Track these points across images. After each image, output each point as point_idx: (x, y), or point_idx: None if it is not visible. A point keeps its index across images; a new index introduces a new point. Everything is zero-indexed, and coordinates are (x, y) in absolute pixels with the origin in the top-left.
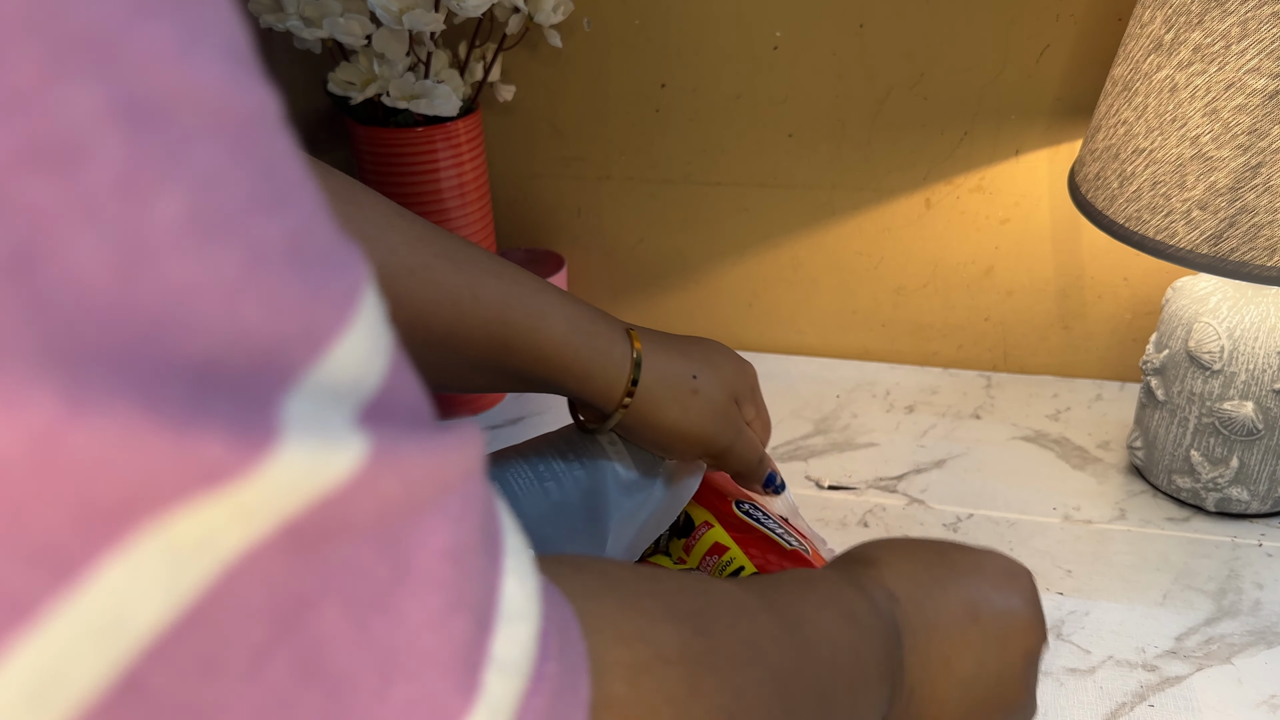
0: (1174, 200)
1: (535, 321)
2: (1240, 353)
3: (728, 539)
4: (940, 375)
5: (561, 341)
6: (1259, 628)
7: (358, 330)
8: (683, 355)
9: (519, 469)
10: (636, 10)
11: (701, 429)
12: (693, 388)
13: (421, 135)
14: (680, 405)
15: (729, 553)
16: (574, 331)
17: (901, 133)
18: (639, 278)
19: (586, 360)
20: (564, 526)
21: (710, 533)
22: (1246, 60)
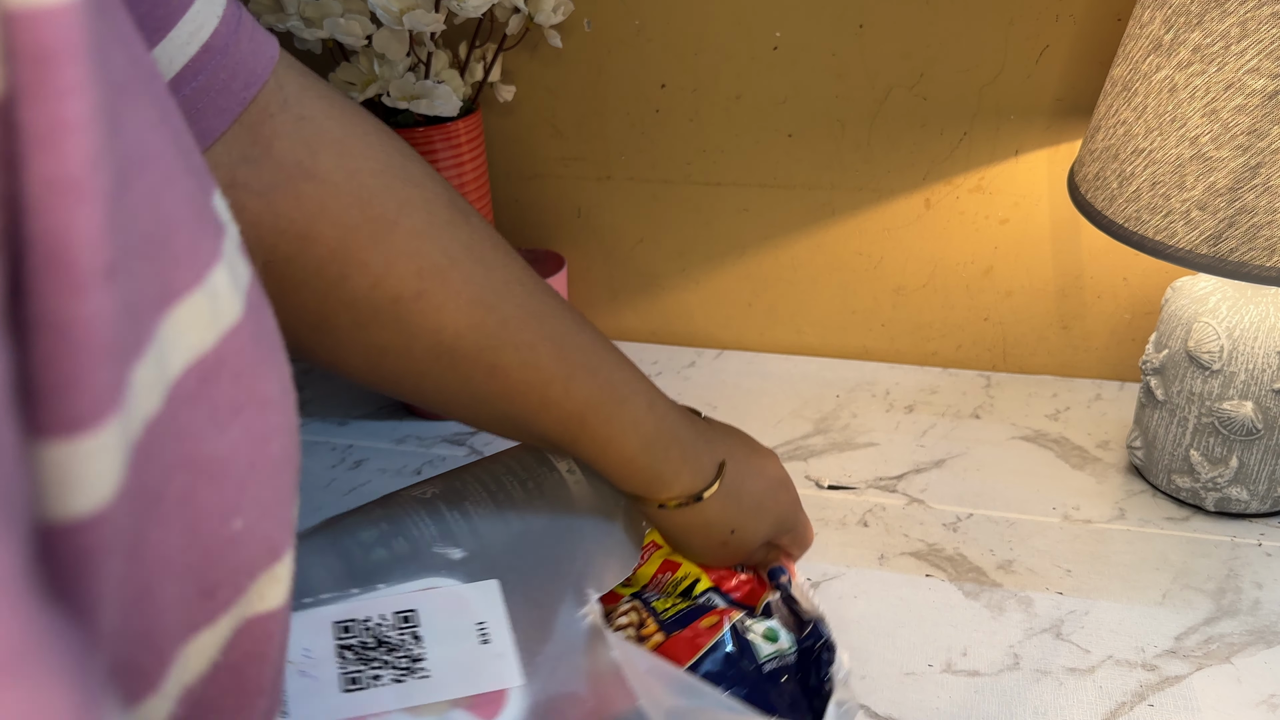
0: (1173, 200)
1: (613, 432)
2: (1240, 352)
3: (677, 556)
4: (940, 375)
5: (629, 458)
6: (1258, 627)
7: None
8: (734, 503)
9: (479, 496)
10: (636, 11)
11: (704, 559)
12: (723, 540)
13: (421, 135)
14: (703, 547)
15: (682, 568)
16: (645, 453)
17: (901, 133)
18: (639, 278)
19: (645, 481)
20: (530, 559)
21: (659, 552)
22: (1246, 60)
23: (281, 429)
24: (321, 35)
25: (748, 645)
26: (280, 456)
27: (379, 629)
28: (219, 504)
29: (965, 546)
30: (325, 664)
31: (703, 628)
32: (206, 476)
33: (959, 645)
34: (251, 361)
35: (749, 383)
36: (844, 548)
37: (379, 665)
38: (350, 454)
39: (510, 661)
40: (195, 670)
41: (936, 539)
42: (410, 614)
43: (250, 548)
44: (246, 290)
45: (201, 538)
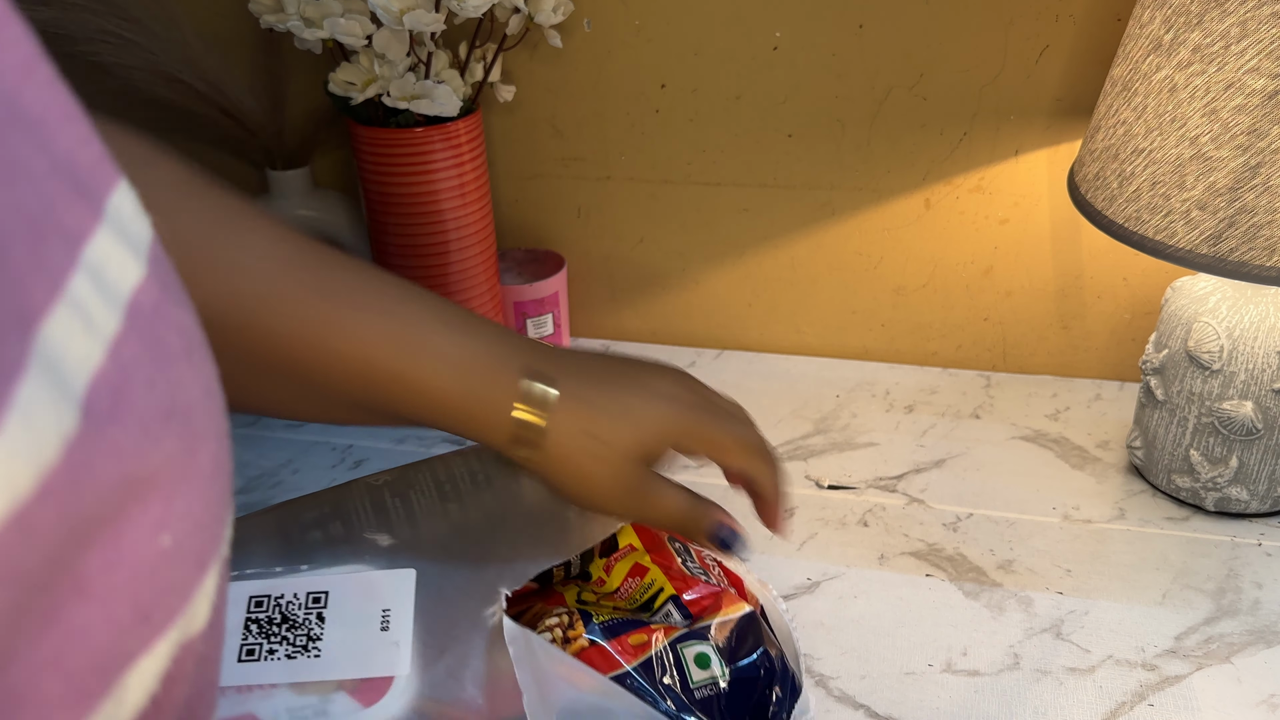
0: (1173, 200)
1: (409, 368)
2: (1239, 352)
3: (648, 561)
4: (940, 375)
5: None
6: (1258, 627)
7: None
8: (587, 405)
9: (424, 485)
10: (636, 11)
11: (601, 498)
12: (586, 450)
13: (422, 136)
14: (575, 468)
15: (649, 574)
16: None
17: (901, 133)
18: (639, 278)
19: (471, 411)
20: (458, 553)
21: (632, 555)
22: (1246, 60)
23: (209, 435)
24: (322, 35)
25: (678, 668)
26: (210, 466)
27: (288, 607)
28: (146, 521)
29: (965, 546)
30: (230, 634)
31: (630, 644)
32: (133, 494)
33: (959, 645)
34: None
35: (749, 383)
36: (844, 548)
37: (277, 640)
38: (350, 454)
39: (403, 651)
40: (133, 704)
41: (936, 539)
42: (321, 595)
43: (182, 566)
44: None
45: (130, 558)
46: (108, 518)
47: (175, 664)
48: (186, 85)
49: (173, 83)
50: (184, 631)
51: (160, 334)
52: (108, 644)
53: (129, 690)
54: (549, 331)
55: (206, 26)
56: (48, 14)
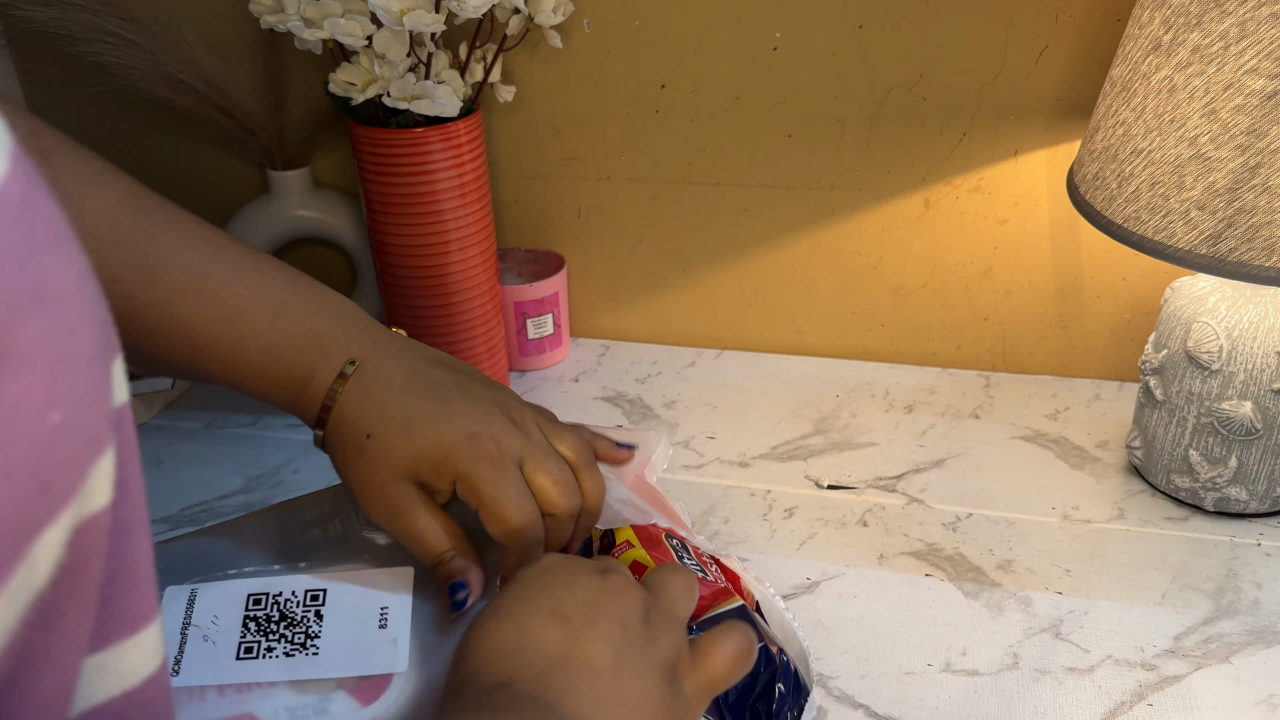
0: (1172, 201)
1: (228, 347)
2: (1239, 352)
3: (647, 558)
4: (939, 375)
5: (256, 367)
6: (1257, 627)
7: None
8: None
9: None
10: (636, 11)
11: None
12: (359, 446)
13: (422, 136)
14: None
15: (647, 572)
16: (273, 360)
17: (900, 133)
18: (639, 278)
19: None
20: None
21: (630, 552)
22: (1245, 61)
23: (86, 319)
24: (322, 36)
25: None
26: (90, 348)
27: (286, 605)
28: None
29: (965, 546)
30: (229, 633)
31: None
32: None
33: (958, 645)
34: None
35: (749, 383)
36: (843, 547)
37: (275, 638)
38: None
39: (401, 649)
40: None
41: (936, 539)
42: (320, 593)
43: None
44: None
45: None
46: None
47: (81, 535)
48: (187, 86)
49: (173, 83)
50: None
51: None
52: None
53: (38, 559)
54: (549, 331)
55: (207, 27)
56: (48, 14)
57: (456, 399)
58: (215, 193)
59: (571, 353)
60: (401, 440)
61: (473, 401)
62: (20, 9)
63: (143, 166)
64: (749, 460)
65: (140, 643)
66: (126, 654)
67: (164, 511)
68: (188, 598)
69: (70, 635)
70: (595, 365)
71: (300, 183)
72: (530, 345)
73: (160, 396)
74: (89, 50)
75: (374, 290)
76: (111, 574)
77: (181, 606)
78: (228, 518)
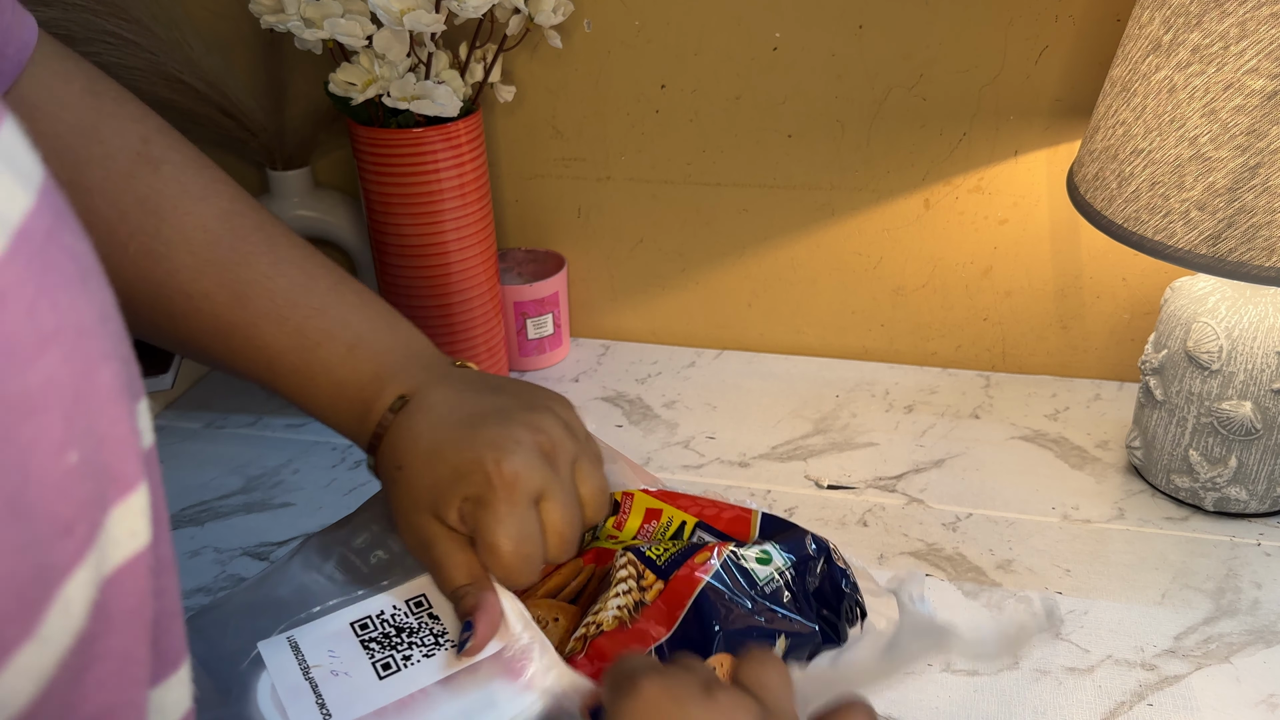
0: (1172, 201)
1: (303, 378)
2: (1239, 352)
3: (655, 502)
4: (939, 375)
5: (327, 398)
6: (1257, 627)
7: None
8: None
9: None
10: (637, 11)
11: (402, 534)
12: (393, 478)
13: (422, 136)
14: (387, 494)
15: (665, 513)
16: (341, 397)
17: (900, 133)
18: (639, 278)
19: (347, 425)
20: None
21: (636, 500)
22: (1245, 61)
23: (108, 356)
24: (322, 36)
25: (744, 572)
26: (111, 385)
27: (395, 617)
28: (46, 438)
29: (964, 546)
30: (355, 660)
31: (697, 562)
32: (21, 414)
33: None
34: (47, 290)
35: (749, 383)
36: (843, 548)
37: (406, 648)
38: (351, 454)
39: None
40: (79, 614)
41: (936, 539)
42: (421, 599)
43: (96, 480)
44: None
45: (36, 475)
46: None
47: (125, 575)
48: (187, 85)
49: (173, 83)
50: (120, 546)
51: (50, 259)
52: (37, 559)
53: (71, 602)
54: (549, 331)
55: (207, 27)
56: (49, 14)
57: (491, 425)
58: None
59: (571, 353)
60: (425, 470)
61: (507, 427)
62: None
63: None
64: (749, 460)
65: (181, 678)
66: (170, 692)
67: None
68: (289, 645)
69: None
70: (595, 365)
71: (300, 183)
72: (530, 345)
73: (160, 396)
74: (89, 50)
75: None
76: (157, 613)
77: (288, 655)
78: (228, 518)
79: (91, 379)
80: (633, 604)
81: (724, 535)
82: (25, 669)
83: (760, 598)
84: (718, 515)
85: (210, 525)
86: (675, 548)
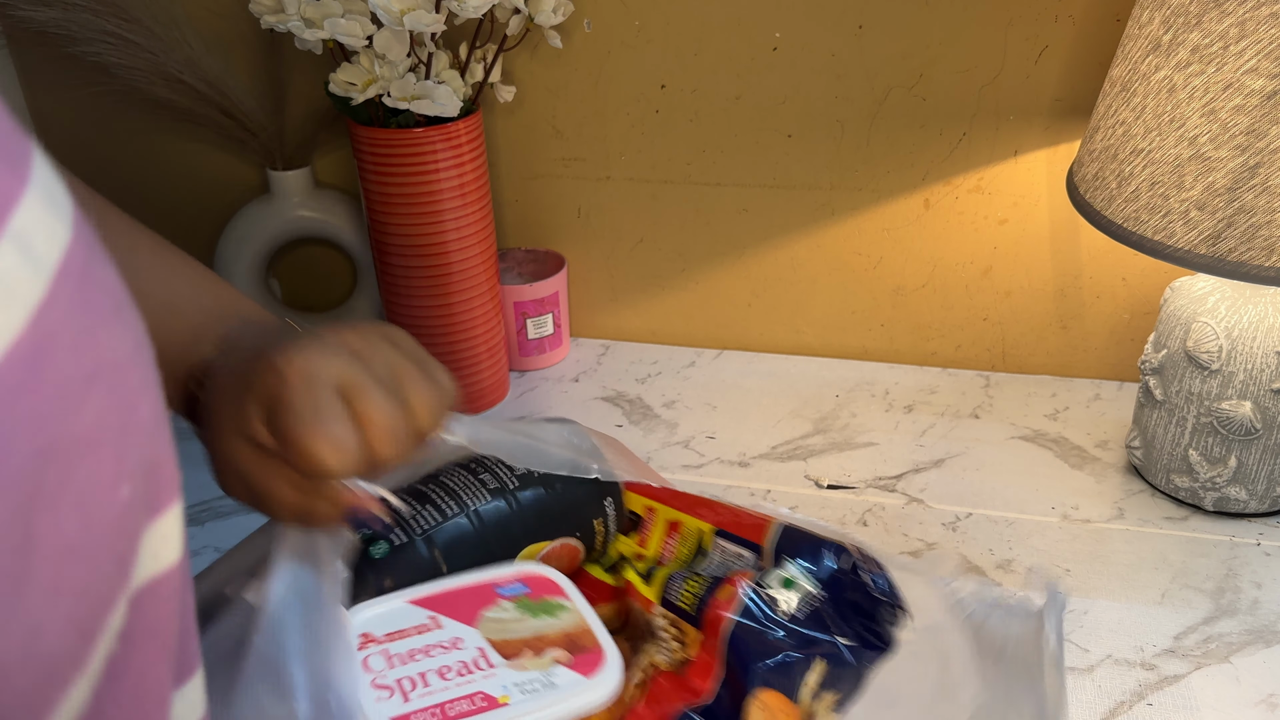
0: (1172, 200)
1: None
2: (1238, 352)
3: (675, 514)
4: (939, 375)
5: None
6: (1257, 627)
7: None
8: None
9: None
10: (636, 11)
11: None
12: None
13: (422, 136)
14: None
15: (684, 525)
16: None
17: (900, 133)
18: (639, 278)
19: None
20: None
21: (659, 515)
22: (1245, 61)
23: (147, 385)
24: (322, 36)
25: (771, 601)
26: (151, 415)
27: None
28: (101, 475)
29: (964, 546)
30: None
31: (721, 600)
32: (77, 456)
33: None
34: (88, 328)
35: (749, 382)
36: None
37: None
38: None
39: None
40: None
41: (936, 538)
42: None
43: (143, 511)
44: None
45: (97, 513)
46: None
47: (156, 590)
48: (187, 86)
49: (174, 83)
50: (153, 567)
51: (88, 295)
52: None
53: (110, 627)
54: (549, 331)
55: (207, 27)
56: (49, 14)
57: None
58: (216, 193)
59: (571, 353)
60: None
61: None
62: (21, 9)
63: (143, 167)
64: (749, 460)
65: (196, 683)
66: (185, 697)
67: None
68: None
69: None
70: (595, 365)
71: (301, 183)
72: (530, 345)
73: None
74: (89, 50)
75: (374, 290)
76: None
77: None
78: (228, 517)
79: (135, 411)
80: (679, 662)
81: (742, 540)
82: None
83: (791, 624)
84: (736, 521)
85: (211, 525)
86: (700, 585)
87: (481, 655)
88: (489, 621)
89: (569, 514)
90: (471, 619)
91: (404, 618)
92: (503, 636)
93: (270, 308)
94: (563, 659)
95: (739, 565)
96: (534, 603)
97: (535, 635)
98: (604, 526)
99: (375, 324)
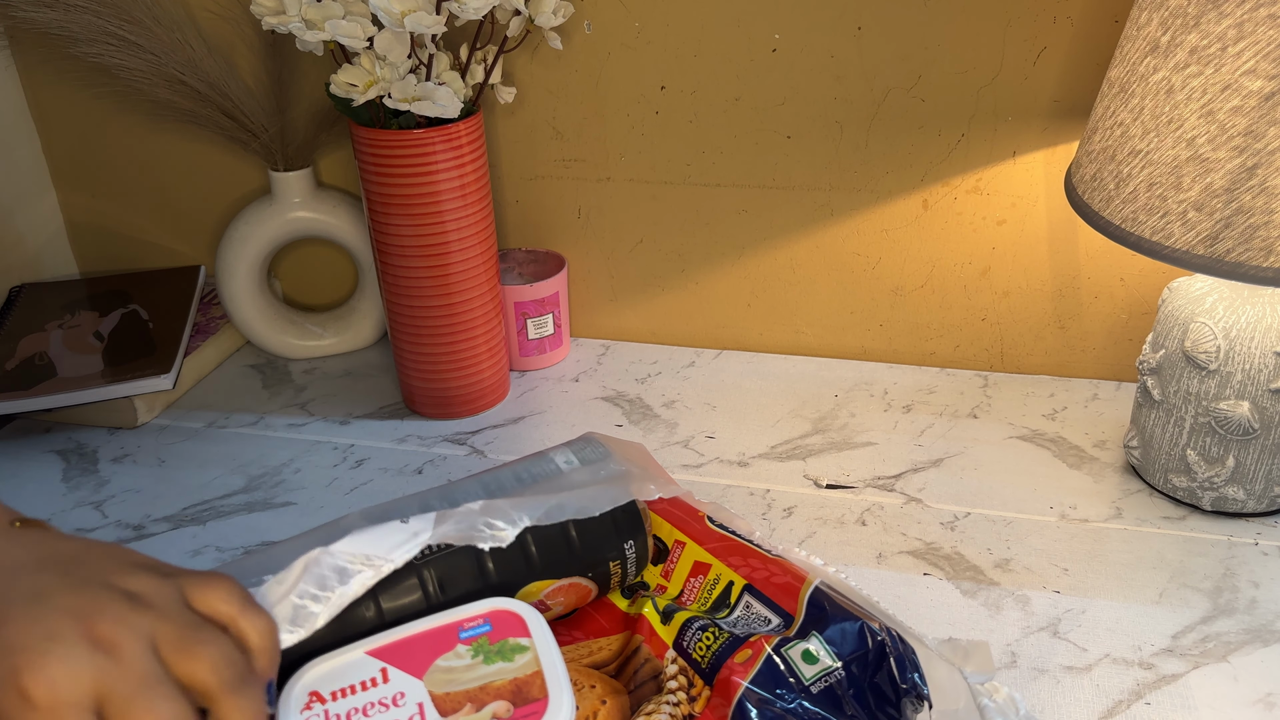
0: (1170, 201)
1: None
2: (1236, 353)
3: (706, 555)
4: (937, 375)
5: None
6: (1255, 626)
7: None
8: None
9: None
10: (636, 13)
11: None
12: None
13: (423, 137)
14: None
15: (713, 570)
16: None
17: (899, 134)
18: (639, 278)
19: None
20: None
21: (687, 551)
22: (1243, 62)
23: None
24: (323, 37)
25: (791, 670)
26: None
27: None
28: None
29: (963, 545)
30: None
31: (737, 663)
32: None
33: None
34: None
35: (748, 383)
36: (842, 546)
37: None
38: (352, 453)
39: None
40: None
41: (934, 538)
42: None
43: None
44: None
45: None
46: None
47: None
48: (189, 87)
49: (175, 84)
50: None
51: None
52: None
53: None
54: (549, 331)
55: (209, 28)
56: (51, 15)
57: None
58: (217, 194)
59: (571, 353)
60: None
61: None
62: (22, 10)
63: (144, 167)
64: (748, 460)
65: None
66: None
67: (165, 511)
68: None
69: None
70: (595, 365)
71: (302, 183)
72: (530, 345)
73: (161, 396)
74: (91, 52)
75: (375, 290)
76: None
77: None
78: (229, 517)
79: None
80: (683, 716)
81: (773, 604)
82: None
83: (806, 699)
84: (768, 580)
85: (212, 524)
86: (719, 640)
87: (419, 712)
88: (438, 672)
89: (583, 555)
90: (422, 669)
91: (355, 671)
92: (446, 689)
93: (272, 307)
94: (502, 712)
95: (763, 629)
96: (491, 646)
97: (481, 686)
98: (621, 569)
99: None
